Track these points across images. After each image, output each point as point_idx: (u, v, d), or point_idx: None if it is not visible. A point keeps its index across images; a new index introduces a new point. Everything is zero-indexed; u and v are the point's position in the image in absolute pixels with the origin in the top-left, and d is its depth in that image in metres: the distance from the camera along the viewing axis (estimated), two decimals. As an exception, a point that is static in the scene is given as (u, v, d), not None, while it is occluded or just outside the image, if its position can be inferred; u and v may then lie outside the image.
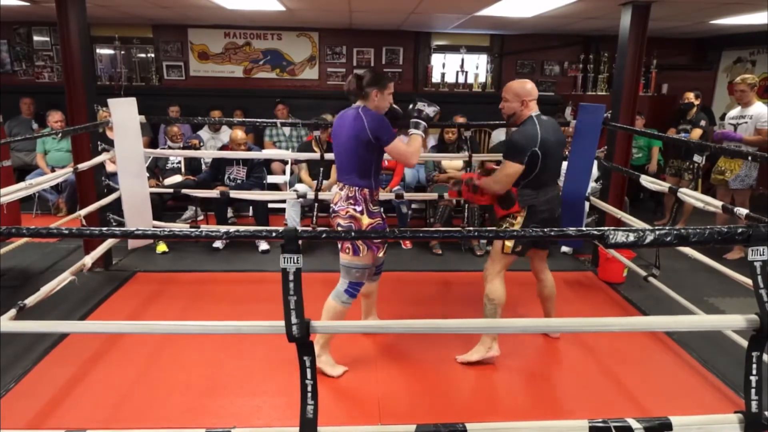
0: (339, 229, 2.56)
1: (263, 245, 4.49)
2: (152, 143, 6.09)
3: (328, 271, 4.06)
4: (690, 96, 5.25)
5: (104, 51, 6.87)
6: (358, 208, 2.51)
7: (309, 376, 1.56)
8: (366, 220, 2.52)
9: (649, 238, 1.49)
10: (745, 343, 1.56)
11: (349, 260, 2.53)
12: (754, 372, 1.50)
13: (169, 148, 5.03)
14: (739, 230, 1.48)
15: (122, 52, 6.86)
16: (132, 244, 4.22)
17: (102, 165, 3.96)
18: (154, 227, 3.66)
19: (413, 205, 5.16)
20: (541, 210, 2.67)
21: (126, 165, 3.81)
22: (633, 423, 1.51)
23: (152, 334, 2.81)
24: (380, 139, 2.44)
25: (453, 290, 3.83)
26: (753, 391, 1.50)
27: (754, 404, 1.50)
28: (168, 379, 2.57)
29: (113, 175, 4.05)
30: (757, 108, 4.22)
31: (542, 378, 2.71)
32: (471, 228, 4.23)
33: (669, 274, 3.64)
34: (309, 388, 1.56)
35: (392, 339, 2.94)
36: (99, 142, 3.88)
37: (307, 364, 1.55)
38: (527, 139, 2.53)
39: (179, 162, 5.15)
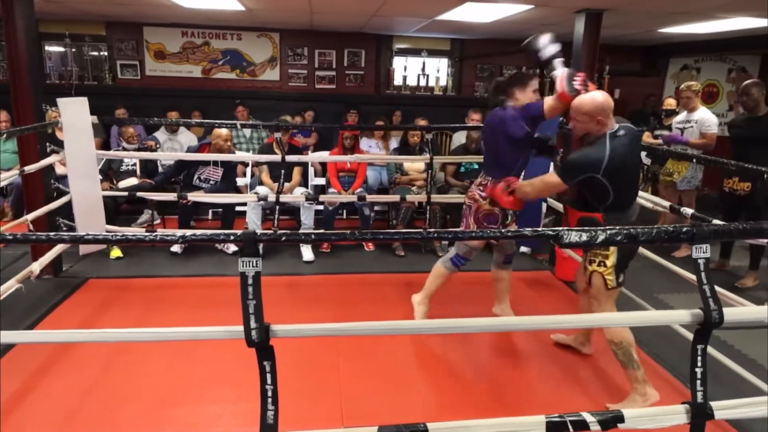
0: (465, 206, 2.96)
1: (232, 246, 4.39)
2: (105, 145, 5.88)
3: (290, 274, 4.02)
4: (671, 103, 5.26)
5: (54, 48, 6.60)
6: (484, 194, 2.84)
7: (269, 381, 1.53)
8: (484, 206, 2.83)
9: (601, 237, 1.54)
10: (691, 336, 1.64)
11: None
12: (699, 364, 1.57)
13: (124, 149, 4.87)
14: (684, 229, 1.55)
15: (73, 50, 6.60)
16: (84, 249, 4.05)
17: (51, 167, 3.79)
18: (107, 231, 3.54)
19: (376, 207, 5.17)
20: None
21: (77, 167, 3.67)
22: (588, 417, 1.55)
23: (105, 343, 2.70)
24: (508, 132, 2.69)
25: (415, 291, 3.85)
26: (698, 382, 1.57)
27: (699, 395, 1.57)
28: (123, 389, 2.48)
29: (63, 178, 3.89)
30: (702, 113, 4.44)
31: (501, 376, 2.75)
32: (432, 230, 4.27)
33: (622, 272, 3.77)
34: (269, 394, 1.54)
35: (354, 341, 2.93)
36: (48, 144, 3.72)
37: (267, 369, 1.53)
38: (586, 163, 2.27)
39: (134, 164, 5.00)
